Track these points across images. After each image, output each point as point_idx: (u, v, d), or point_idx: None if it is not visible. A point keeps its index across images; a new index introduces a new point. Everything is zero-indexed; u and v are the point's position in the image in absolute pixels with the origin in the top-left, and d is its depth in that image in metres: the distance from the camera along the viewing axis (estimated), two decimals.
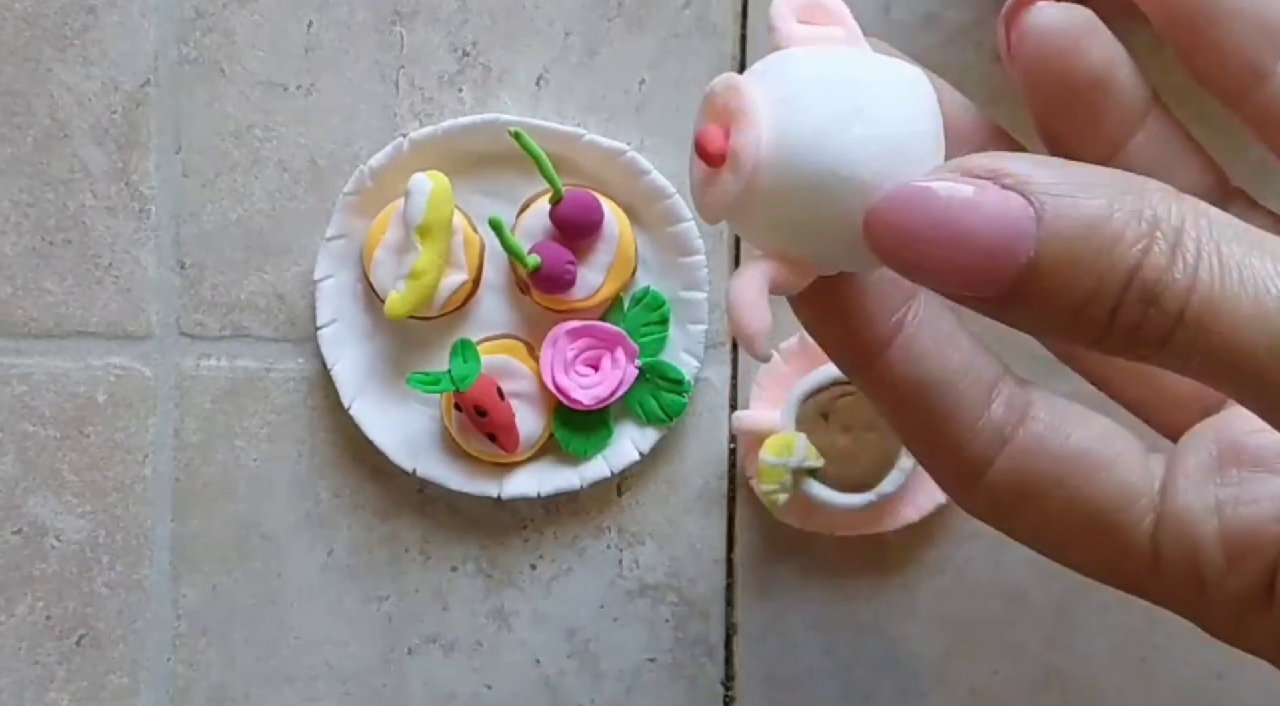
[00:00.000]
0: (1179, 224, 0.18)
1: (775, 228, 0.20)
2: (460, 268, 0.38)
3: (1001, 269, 0.18)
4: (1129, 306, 0.17)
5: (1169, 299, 0.17)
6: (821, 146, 0.19)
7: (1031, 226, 0.17)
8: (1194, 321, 0.17)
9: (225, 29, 0.39)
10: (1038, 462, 0.22)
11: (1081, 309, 0.18)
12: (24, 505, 0.40)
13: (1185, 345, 0.18)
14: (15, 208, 0.40)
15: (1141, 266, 0.17)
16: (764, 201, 0.19)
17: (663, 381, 0.39)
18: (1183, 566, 0.22)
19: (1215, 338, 0.17)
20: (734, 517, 0.40)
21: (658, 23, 0.39)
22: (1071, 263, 0.17)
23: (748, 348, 0.20)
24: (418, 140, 0.38)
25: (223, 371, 0.40)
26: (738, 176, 0.19)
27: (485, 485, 0.39)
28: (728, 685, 0.40)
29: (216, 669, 0.40)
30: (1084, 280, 0.17)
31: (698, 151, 0.20)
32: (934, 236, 0.18)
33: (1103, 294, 0.17)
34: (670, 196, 0.38)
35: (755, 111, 0.19)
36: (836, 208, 0.19)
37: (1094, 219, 0.17)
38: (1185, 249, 0.17)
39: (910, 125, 0.19)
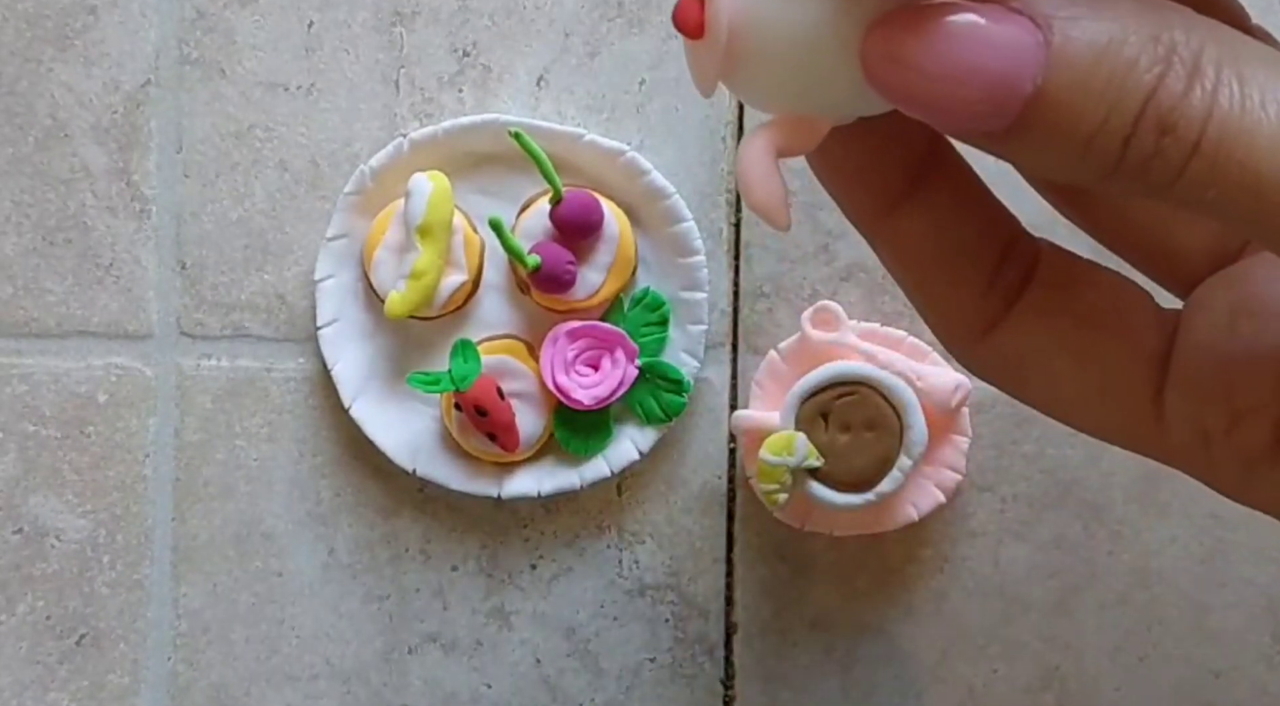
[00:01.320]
0: (1198, 47, 0.16)
1: (770, 86, 0.19)
2: (460, 268, 0.38)
3: (1007, 98, 0.16)
4: (1142, 136, 0.16)
5: (1185, 126, 0.16)
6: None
7: (1039, 52, 0.16)
8: (1211, 149, 0.16)
9: (226, 29, 0.39)
10: (1046, 320, 0.21)
11: (1091, 140, 0.17)
12: (24, 505, 0.40)
13: (1201, 177, 0.16)
14: (16, 208, 0.40)
15: (1156, 93, 0.16)
16: (751, 60, 0.18)
17: (663, 381, 0.39)
18: (1190, 422, 0.21)
19: (1234, 166, 0.16)
20: (734, 517, 0.40)
21: (658, 23, 0.39)
22: (1082, 90, 0.16)
23: (766, 218, 0.18)
24: (418, 140, 0.38)
25: (223, 371, 0.40)
26: (715, 43, 0.18)
27: (485, 485, 0.39)
28: (727, 684, 0.40)
29: (217, 668, 0.40)
30: (1095, 109, 0.16)
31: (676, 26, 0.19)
32: (935, 65, 0.17)
33: (1114, 123, 0.16)
34: (670, 196, 0.38)
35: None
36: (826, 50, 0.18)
37: (1106, 43, 0.16)
38: (1204, 73, 0.16)
39: None
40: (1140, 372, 0.21)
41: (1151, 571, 0.39)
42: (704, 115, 0.39)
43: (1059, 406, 0.22)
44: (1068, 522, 0.39)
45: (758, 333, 0.39)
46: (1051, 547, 0.39)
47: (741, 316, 0.40)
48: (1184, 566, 0.39)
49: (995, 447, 0.39)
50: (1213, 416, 0.20)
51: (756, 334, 0.40)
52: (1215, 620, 0.39)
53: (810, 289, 0.39)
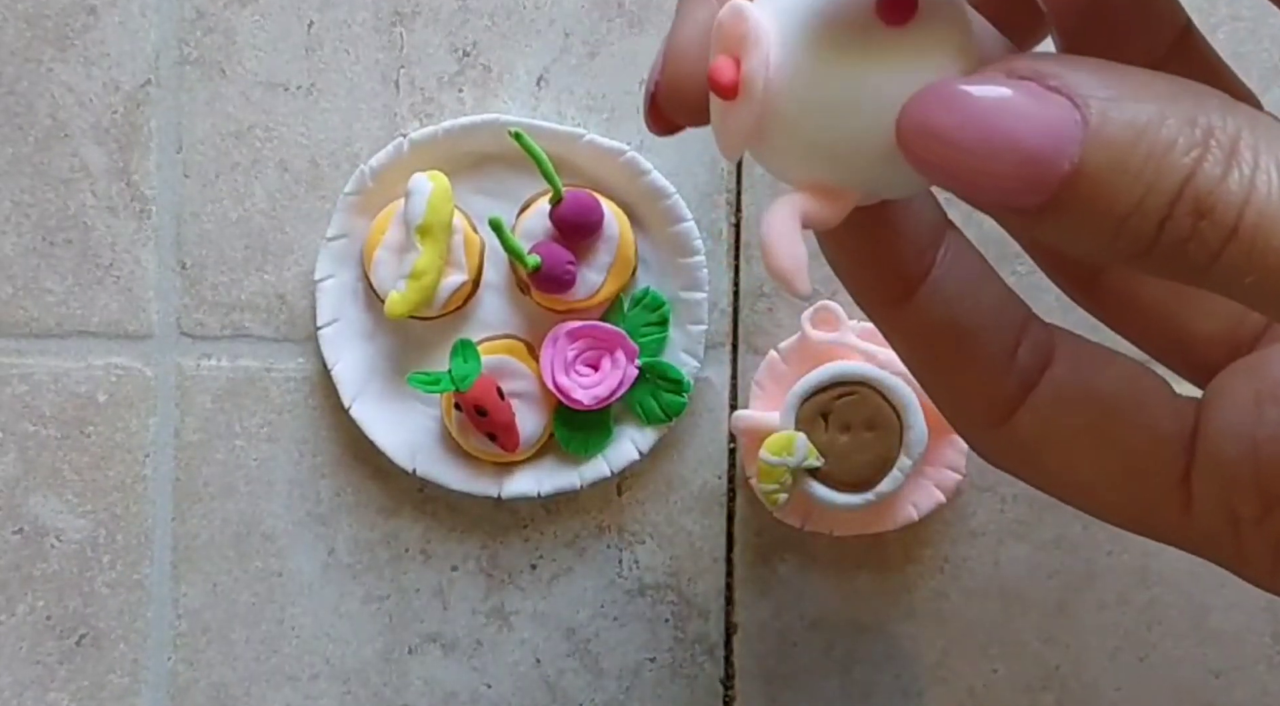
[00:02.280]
0: (1235, 132, 0.16)
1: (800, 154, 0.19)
2: (460, 268, 0.38)
3: (1044, 176, 0.16)
4: (1179, 218, 0.16)
5: (1222, 211, 0.16)
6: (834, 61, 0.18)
7: (1077, 130, 0.16)
8: (1249, 234, 0.16)
9: (226, 29, 0.39)
10: (1064, 407, 0.21)
11: (1126, 220, 0.16)
12: (25, 505, 0.40)
13: (1238, 262, 0.16)
14: (16, 208, 0.40)
15: (1194, 175, 0.16)
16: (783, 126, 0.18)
17: (663, 381, 0.39)
18: (1218, 510, 0.21)
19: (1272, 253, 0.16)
20: (734, 517, 0.40)
21: (658, 23, 0.39)
22: (1119, 170, 0.16)
23: (786, 285, 0.18)
24: (418, 140, 0.38)
25: (223, 371, 0.40)
26: (749, 103, 0.18)
27: (485, 485, 0.39)
28: (727, 684, 0.40)
29: (217, 667, 0.40)
30: (1131, 189, 0.16)
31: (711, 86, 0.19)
32: (972, 140, 0.16)
33: (1150, 204, 0.16)
34: (670, 196, 0.38)
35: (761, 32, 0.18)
36: (860, 124, 0.18)
37: (1145, 124, 0.16)
38: (1241, 157, 0.16)
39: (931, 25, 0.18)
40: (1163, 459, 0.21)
41: (1151, 571, 0.39)
42: None
43: (1080, 495, 0.22)
44: (1068, 522, 0.39)
45: (758, 333, 0.39)
46: (1051, 547, 0.39)
47: (741, 316, 0.40)
48: (1184, 566, 0.39)
49: None
50: (1243, 503, 0.20)
51: (756, 334, 0.40)
52: (1215, 620, 0.39)
53: (810, 289, 0.39)
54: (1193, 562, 0.39)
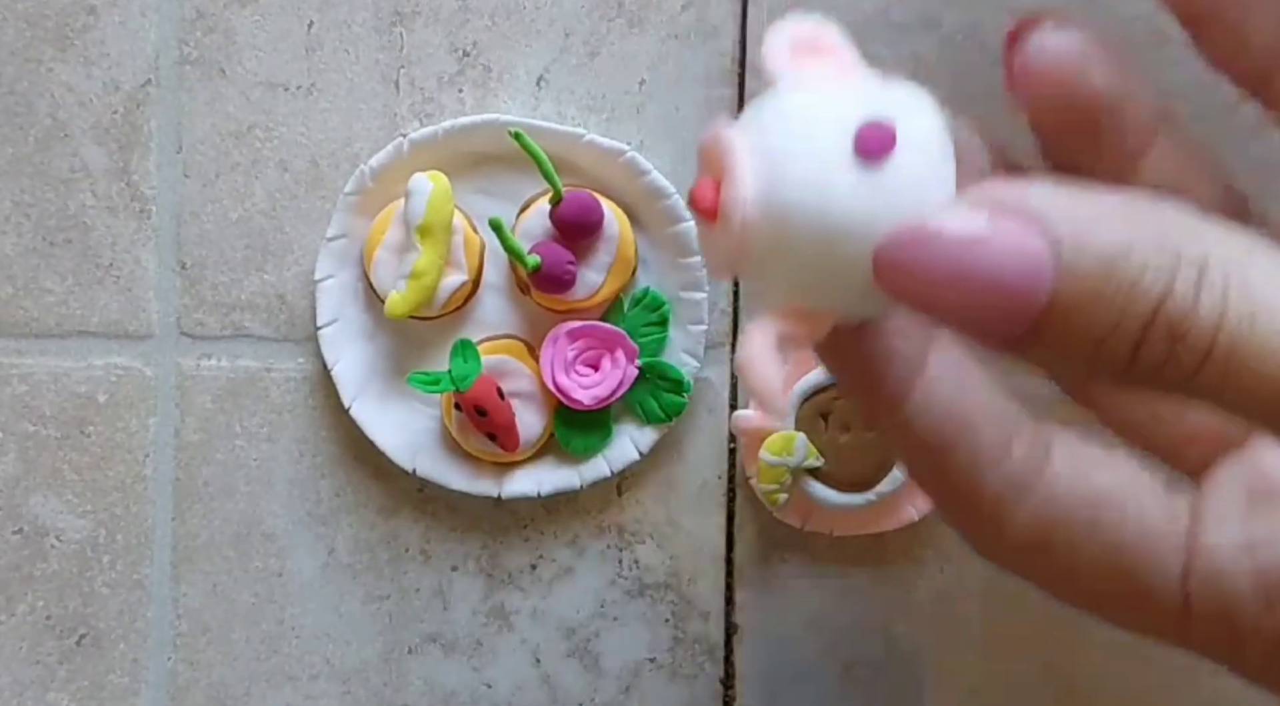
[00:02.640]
0: (1203, 255, 0.17)
1: (778, 280, 0.19)
2: (460, 268, 0.38)
3: (1019, 309, 0.17)
4: (1153, 343, 0.17)
5: (1196, 334, 0.16)
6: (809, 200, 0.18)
7: (1048, 264, 0.16)
8: (1223, 356, 0.16)
9: (226, 29, 0.39)
10: (1061, 509, 0.21)
11: (1102, 346, 0.17)
12: (24, 505, 0.40)
13: (1215, 382, 0.17)
14: (16, 208, 0.40)
15: (1165, 302, 0.16)
16: (762, 255, 0.19)
17: (663, 381, 0.39)
18: (1215, 610, 0.21)
19: (1247, 373, 0.16)
20: (734, 517, 0.40)
21: (658, 23, 0.39)
22: (1092, 300, 0.16)
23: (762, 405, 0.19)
24: (418, 140, 0.38)
25: (223, 371, 0.40)
26: (728, 233, 0.18)
27: (485, 485, 0.39)
28: (728, 685, 0.40)
29: (217, 668, 0.40)
30: (1105, 317, 0.17)
31: (690, 206, 0.19)
32: (947, 277, 0.17)
33: (1124, 330, 0.17)
34: (670, 196, 0.38)
35: (739, 165, 0.18)
36: (837, 258, 0.18)
37: (1115, 253, 0.16)
38: (1211, 282, 0.16)
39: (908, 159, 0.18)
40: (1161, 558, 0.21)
41: None
42: (704, 115, 0.39)
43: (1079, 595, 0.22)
44: None
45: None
46: None
47: (741, 316, 0.40)
48: None
49: None
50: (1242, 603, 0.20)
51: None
52: None
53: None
54: None
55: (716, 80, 0.39)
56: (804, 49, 0.20)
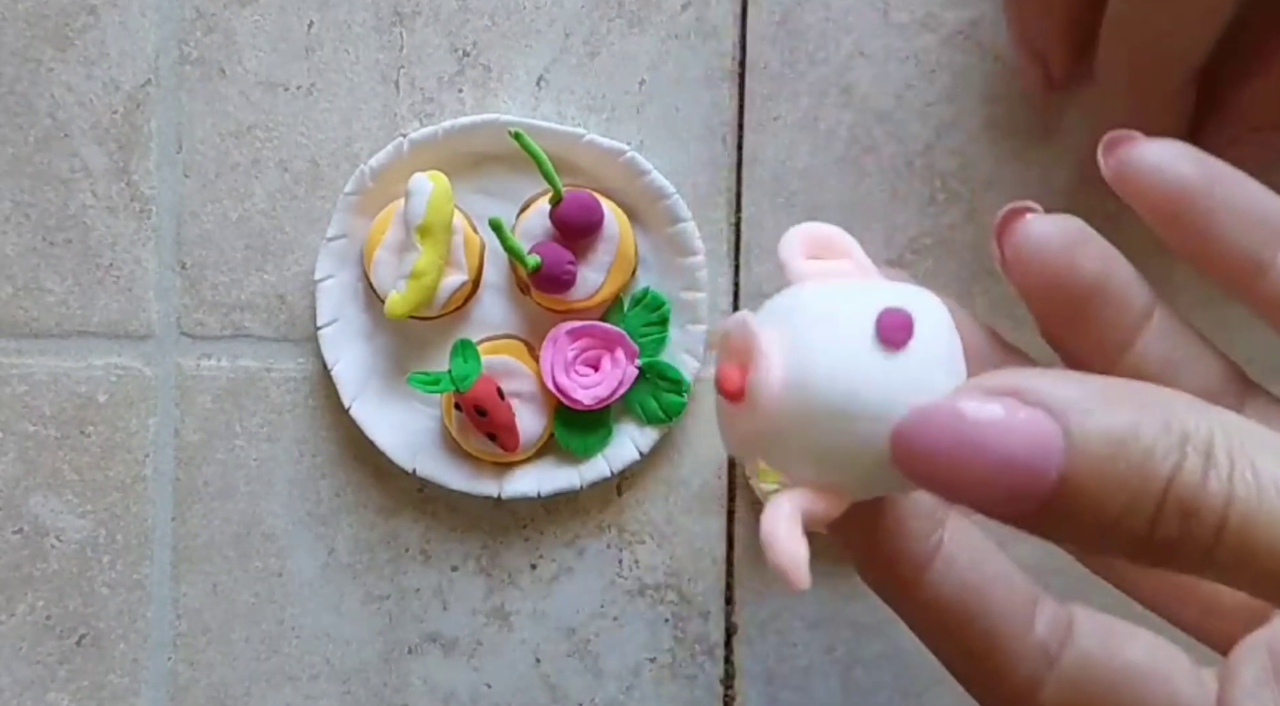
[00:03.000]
0: (1208, 436, 0.17)
1: (801, 459, 0.20)
2: (460, 268, 0.38)
3: (1033, 487, 0.17)
4: (1166, 520, 0.17)
5: (1207, 513, 0.17)
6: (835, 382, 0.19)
7: (1060, 443, 0.17)
8: (1236, 533, 0.17)
9: (226, 29, 0.40)
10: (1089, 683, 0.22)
11: (1117, 523, 0.17)
12: (24, 505, 0.40)
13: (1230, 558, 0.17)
14: (16, 208, 0.40)
15: (1175, 480, 0.17)
16: (786, 436, 0.20)
17: (663, 381, 0.39)
18: None
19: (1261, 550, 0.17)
20: (734, 517, 0.40)
21: (658, 23, 0.39)
22: (1103, 478, 0.17)
23: (785, 579, 0.20)
24: (418, 140, 0.38)
25: (223, 371, 0.40)
26: (755, 415, 0.20)
27: (485, 485, 0.39)
28: (728, 684, 0.40)
29: (217, 668, 0.40)
30: (1117, 495, 0.17)
31: (718, 389, 0.20)
32: (962, 457, 0.18)
33: (1138, 508, 0.17)
34: (670, 196, 0.38)
35: (768, 353, 0.20)
36: (858, 437, 0.19)
37: (1122, 434, 0.17)
38: (1217, 462, 0.17)
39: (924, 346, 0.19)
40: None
41: None
42: (704, 115, 0.39)
43: None
44: None
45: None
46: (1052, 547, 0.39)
47: None
48: None
49: None
50: None
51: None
52: None
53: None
54: None
55: (716, 80, 0.39)
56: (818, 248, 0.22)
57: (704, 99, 0.39)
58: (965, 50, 0.39)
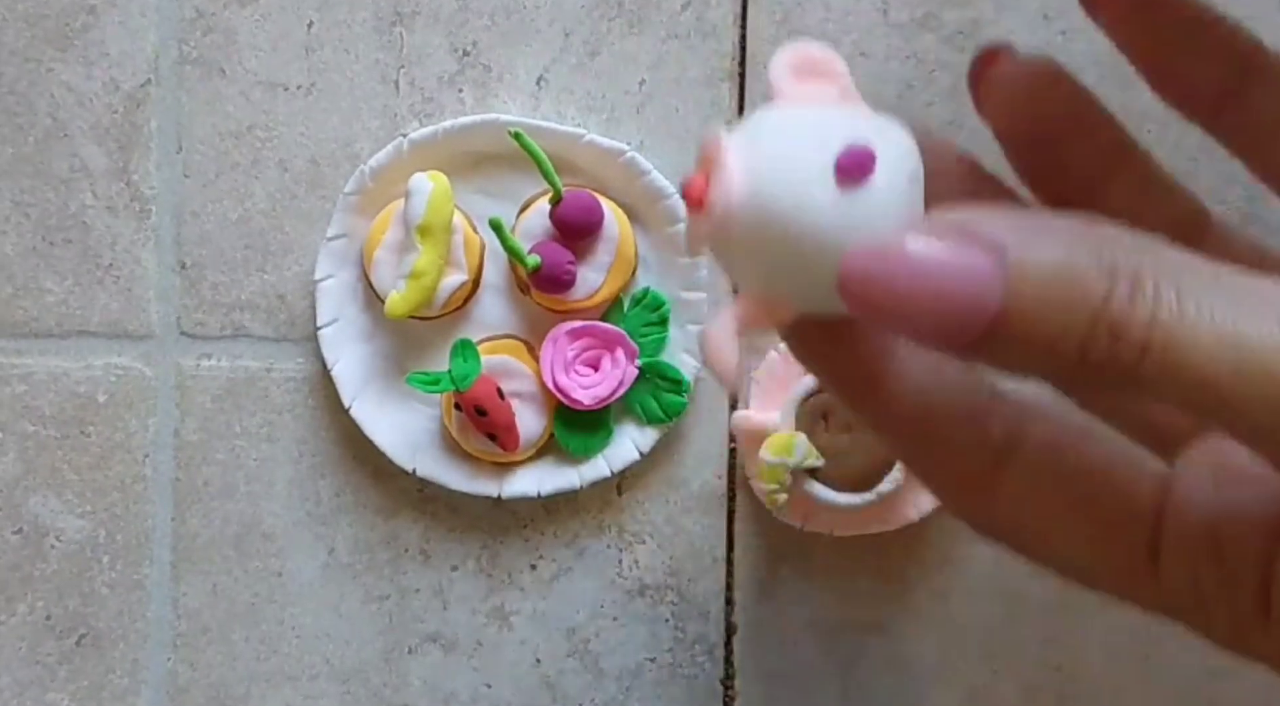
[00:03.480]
0: (1136, 264, 0.19)
1: (748, 269, 0.21)
2: (460, 268, 0.38)
3: (973, 318, 0.19)
4: (1096, 341, 0.19)
5: (1133, 332, 0.19)
6: (787, 209, 0.20)
7: (998, 278, 0.19)
8: (1159, 353, 0.19)
9: (226, 29, 0.39)
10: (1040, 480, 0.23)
11: (1051, 348, 0.19)
12: (24, 505, 0.40)
13: (1154, 376, 0.19)
14: (16, 207, 0.40)
15: (1104, 306, 0.19)
16: (737, 245, 0.21)
17: (663, 381, 0.39)
18: (1183, 581, 0.22)
19: (1181, 367, 0.19)
20: (734, 517, 0.40)
21: (658, 23, 0.39)
22: (1038, 308, 0.19)
23: (718, 379, 0.21)
24: (418, 140, 0.38)
25: (223, 371, 0.40)
26: (709, 221, 0.21)
27: (485, 485, 0.39)
28: (727, 684, 0.40)
29: (217, 668, 0.40)
30: (1051, 323, 0.19)
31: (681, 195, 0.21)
32: (906, 290, 0.19)
33: (1071, 332, 0.19)
34: (670, 196, 0.38)
35: (730, 168, 0.21)
36: (805, 255, 0.20)
37: (1056, 267, 0.19)
38: (1144, 287, 0.19)
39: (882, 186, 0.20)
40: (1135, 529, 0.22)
41: None
42: (704, 115, 0.39)
43: (1057, 562, 0.24)
44: None
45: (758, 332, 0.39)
46: None
47: None
48: None
49: None
50: (1206, 575, 0.22)
51: (756, 334, 0.39)
52: None
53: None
54: None
55: (716, 80, 0.39)
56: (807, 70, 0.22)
57: (704, 99, 0.39)
58: (965, 50, 0.39)
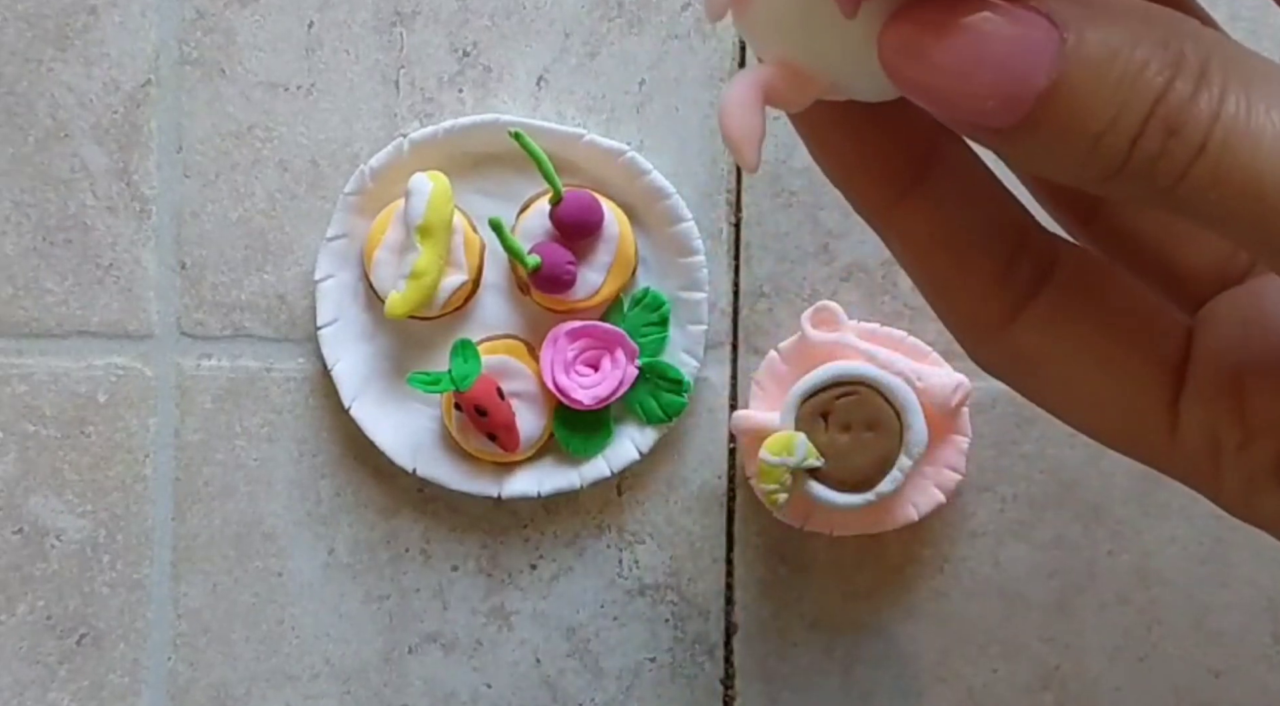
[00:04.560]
0: (1205, 55, 0.17)
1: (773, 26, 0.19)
2: (460, 268, 0.38)
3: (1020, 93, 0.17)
4: (1150, 136, 0.17)
5: (1191, 128, 0.17)
6: None
7: (1054, 50, 0.17)
8: (1216, 152, 0.17)
9: (226, 29, 0.39)
10: (1062, 320, 0.21)
11: (1100, 139, 0.17)
12: (25, 505, 0.40)
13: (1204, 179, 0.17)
14: (16, 208, 0.40)
15: (1165, 95, 0.17)
16: None
17: (663, 381, 0.39)
18: (1201, 437, 0.21)
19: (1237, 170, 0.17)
20: (734, 517, 0.40)
21: (658, 23, 0.39)
22: (1093, 88, 0.17)
23: (735, 153, 0.18)
24: (418, 140, 0.38)
25: (223, 371, 0.40)
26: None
27: (485, 485, 0.39)
28: (727, 684, 0.40)
29: (217, 667, 0.40)
30: (1105, 107, 0.17)
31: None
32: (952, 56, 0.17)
33: (1123, 122, 0.17)
34: (670, 196, 0.38)
35: None
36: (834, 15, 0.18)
37: (1119, 44, 0.17)
38: (1210, 80, 0.17)
39: None
40: (1156, 381, 0.21)
41: (1151, 571, 0.39)
42: (704, 115, 0.39)
43: (1069, 410, 0.22)
44: (1068, 522, 0.39)
45: (758, 333, 0.40)
46: (1051, 547, 0.39)
47: (741, 316, 0.40)
48: (1184, 566, 0.39)
49: (995, 447, 0.39)
50: (1226, 431, 0.21)
51: (756, 334, 0.40)
52: (1215, 620, 0.39)
53: (810, 289, 0.39)
54: (1193, 562, 0.39)
55: (716, 80, 0.39)
56: None
57: (704, 99, 0.39)
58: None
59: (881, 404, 0.37)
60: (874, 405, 0.37)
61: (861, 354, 0.37)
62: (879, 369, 0.37)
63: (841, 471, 0.37)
